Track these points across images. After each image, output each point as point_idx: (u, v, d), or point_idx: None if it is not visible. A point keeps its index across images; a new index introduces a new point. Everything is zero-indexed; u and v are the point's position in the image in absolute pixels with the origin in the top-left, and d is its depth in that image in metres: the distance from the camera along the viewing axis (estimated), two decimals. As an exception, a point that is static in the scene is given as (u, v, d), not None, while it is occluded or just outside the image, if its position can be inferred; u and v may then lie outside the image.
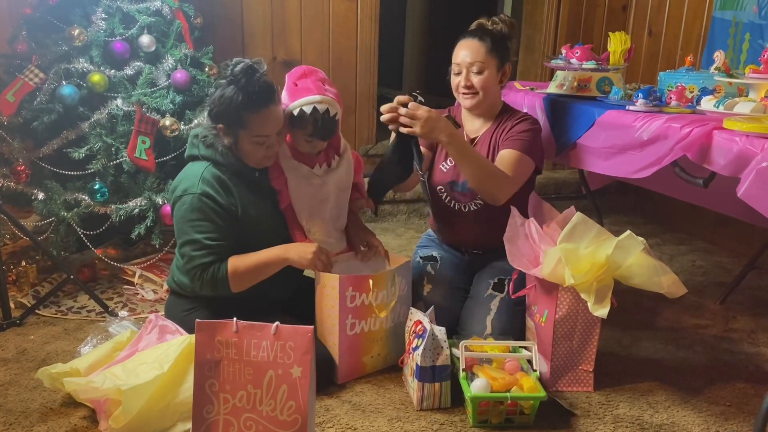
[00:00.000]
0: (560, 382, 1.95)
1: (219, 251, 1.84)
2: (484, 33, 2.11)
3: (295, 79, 1.94)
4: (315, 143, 1.96)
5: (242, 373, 1.49)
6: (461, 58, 2.10)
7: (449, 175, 2.19)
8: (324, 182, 2.01)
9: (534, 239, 1.91)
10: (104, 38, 2.53)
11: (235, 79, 1.80)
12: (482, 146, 2.16)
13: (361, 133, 3.75)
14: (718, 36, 3.05)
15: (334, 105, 1.93)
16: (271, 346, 1.48)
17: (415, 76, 5.60)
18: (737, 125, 1.76)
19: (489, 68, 2.09)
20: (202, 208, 1.82)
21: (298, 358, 1.47)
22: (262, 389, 1.48)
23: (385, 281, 1.98)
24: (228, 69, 1.82)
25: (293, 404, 1.47)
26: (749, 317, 2.51)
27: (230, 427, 1.50)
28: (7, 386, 1.88)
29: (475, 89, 2.10)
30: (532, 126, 2.13)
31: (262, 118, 1.82)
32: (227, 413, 1.50)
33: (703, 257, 3.16)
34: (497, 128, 2.15)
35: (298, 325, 1.48)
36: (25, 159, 2.52)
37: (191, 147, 1.94)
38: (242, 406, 1.49)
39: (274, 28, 3.47)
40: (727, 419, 1.83)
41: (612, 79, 2.48)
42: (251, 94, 1.79)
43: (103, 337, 2.03)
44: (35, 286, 2.48)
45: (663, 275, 1.80)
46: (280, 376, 1.47)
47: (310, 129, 1.91)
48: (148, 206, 2.46)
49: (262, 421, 1.49)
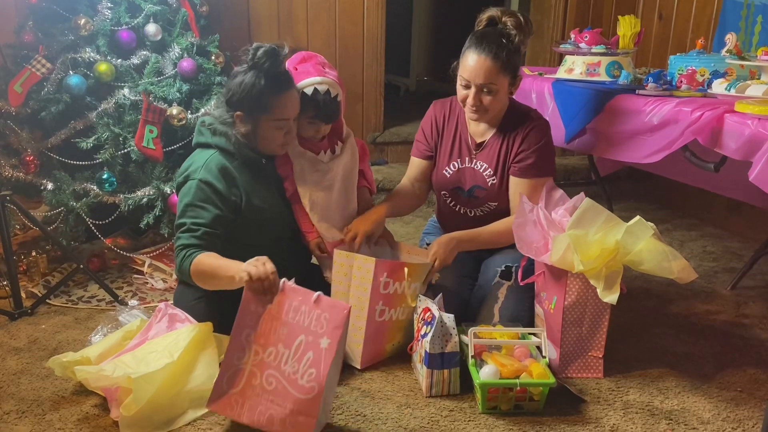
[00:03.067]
0: (570, 369, 1.95)
1: (203, 237, 1.79)
2: (498, 47, 1.92)
3: (294, 64, 1.95)
4: (318, 126, 1.95)
5: (277, 331, 1.58)
6: (471, 75, 1.94)
7: (453, 180, 2.16)
8: (329, 168, 2.01)
9: (543, 225, 1.90)
10: (110, 27, 2.53)
11: (257, 64, 1.80)
12: (491, 155, 2.10)
13: (369, 120, 3.74)
14: (730, 18, 3.00)
15: (335, 86, 1.93)
16: (309, 312, 1.57)
17: (422, 63, 5.57)
18: (749, 108, 1.74)
19: (501, 88, 1.96)
20: (198, 194, 1.82)
21: (330, 330, 1.54)
22: (290, 350, 1.56)
23: (421, 273, 1.97)
24: (248, 54, 1.81)
25: (314, 372, 1.54)
26: (760, 303, 2.49)
27: (253, 379, 1.59)
28: (19, 375, 1.89)
29: (484, 108, 1.99)
30: (542, 135, 2.05)
31: (285, 102, 1.83)
32: (254, 365, 1.59)
33: (714, 243, 3.14)
34: (506, 135, 2.08)
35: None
36: (33, 149, 2.53)
37: (198, 135, 1.94)
38: (269, 361, 1.58)
39: (280, 16, 3.46)
40: (738, 405, 1.83)
41: (622, 64, 2.46)
42: (275, 77, 1.80)
43: (113, 326, 2.04)
44: (46, 276, 2.50)
45: (673, 261, 1.78)
46: (309, 342, 1.55)
47: (312, 111, 1.91)
48: (157, 195, 2.46)
49: (282, 380, 1.56)
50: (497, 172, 2.09)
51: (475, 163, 2.12)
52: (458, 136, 2.15)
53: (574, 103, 2.37)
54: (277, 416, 1.56)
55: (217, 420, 1.69)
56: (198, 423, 1.68)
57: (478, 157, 2.12)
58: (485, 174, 2.10)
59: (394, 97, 4.82)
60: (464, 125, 2.15)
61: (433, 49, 5.48)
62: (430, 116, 2.21)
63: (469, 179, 2.14)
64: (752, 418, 1.76)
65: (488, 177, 2.10)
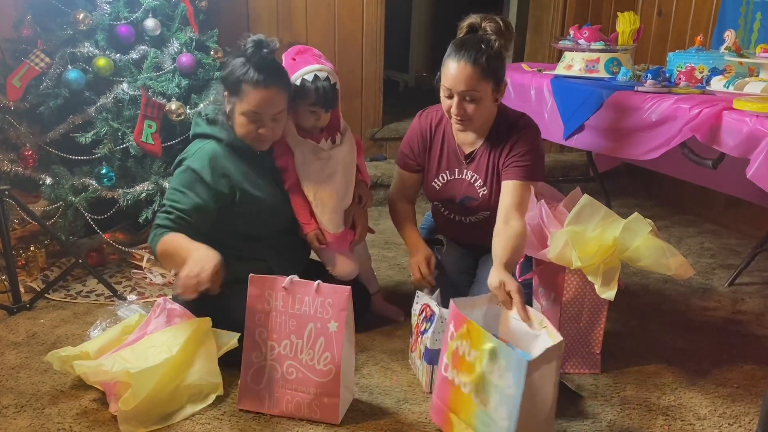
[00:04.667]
0: (567, 365, 1.95)
1: (176, 222, 1.80)
2: (477, 52, 1.84)
3: (292, 55, 1.98)
4: (318, 114, 1.96)
5: (287, 324, 1.67)
6: (452, 83, 1.87)
7: (443, 192, 2.11)
8: (330, 156, 2.02)
9: (542, 221, 1.90)
10: (109, 22, 2.52)
11: (244, 51, 1.83)
12: (481, 165, 2.04)
13: (368, 116, 3.74)
14: (729, 15, 3.00)
15: (333, 74, 1.96)
16: (313, 301, 1.65)
17: (421, 59, 5.56)
18: (747, 105, 1.74)
19: (484, 95, 1.88)
20: (184, 180, 1.84)
21: (335, 314, 1.64)
22: (303, 339, 1.66)
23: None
24: (243, 42, 1.85)
25: (329, 355, 1.64)
26: (758, 299, 2.50)
27: (274, 372, 1.69)
28: (18, 369, 1.90)
29: (468, 117, 1.91)
30: (532, 140, 1.98)
31: (258, 94, 1.82)
32: (273, 359, 1.69)
33: (711, 239, 3.15)
34: (495, 144, 2.01)
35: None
36: (32, 144, 2.52)
37: (194, 125, 1.97)
38: (286, 353, 1.68)
39: (279, 11, 3.45)
40: (734, 401, 1.83)
41: (621, 60, 2.46)
42: (259, 68, 1.82)
43: (111, 321, 2.05)
44: (44, 271, 2.50)
45: (671, 257, 1.79)
46: (318, 329, 1.65)
47: (313, 97, 1.92)
48: (155, 190, 2.46)
49: (301, 369, 1.66)
50: (488, 182, 2.04)
51: (465, 174, 2.07)
52: (446, 147, 2.09)
53: (572, 100, 2.36)
54: (303, 402, 1.67)
55: (216, 415, 1.70)
56: (196, 418, 1.69)
57: (468, 168, 2.07)
58: (476, 185, 2.06)
59: (393, 93, 4.81)
60: (451, 136, 2.08)
61: (433, 44, 5.47)
62: (415, 130, 2.12)
63: (460, 190, 2.09)
64: (749, 414, 1.77)
65: (479, 188, 2.06)
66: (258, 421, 1.68)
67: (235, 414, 1.70)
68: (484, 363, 1.49)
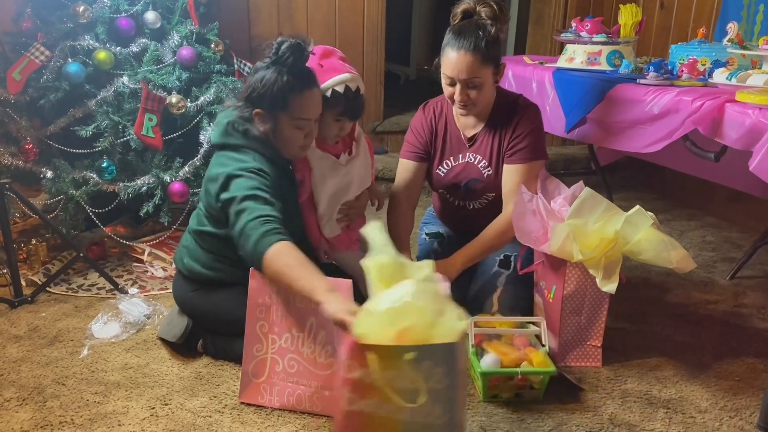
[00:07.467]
0: (569, 358, 1.95)
1: (279, 219, 1.63)
2: (476, 39, 1.88)
3: (318, 60, 1.88)
4: (343, 123, 1.92)
5: (288, 317, 1.67)
6: (454, 72, 1.92)
7: (448, 178, 2.15)
8: (348, 171, 2.00)
9: (542, 215, 1.90)
10: (109, 15, 2.52)
11: (280, 59, 1.72)
12: (484, 146, 2.08)
13: (368, 109, 3.72)
14: (732, 7, 2.99)
15: (361, 82, 1.91)
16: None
17: (422, 52, 5.54)
18: (750, 98, 1.73)
19: (485, 80, 1.94)
20: (259, 179, 1.69)
21: None
22: (304, 333, 1.66)
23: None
24: (272, 48, 1.73)
25: (330, 348, 1.63)
26: (759, 293, 2.50)
27: (276, 365, 1.69)
28: (19, 362, 1.90)
29: (472, 102, 1.97)
30: (533, 120, 2.04)
31: (307, 100, 1.76)
32: (274, 352, 1.69)
33: (713, 232, 3.14)
34: (497, 126, 2.06)
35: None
36: (32, 137, 2.52)
37: (226, 135, 1.80)
38: (287, 347, 1.68)
39: (279, 4, 3.44)
40: (735, 394, 1.83)
41: (623, 53, 2.45)
42: (297, 74, 1.73)
43: (113, 314, 2.05)
44: (45, 264, 2.50)
45: (672, 250, 1.79)
46: (319, 323, 1.63)
47: (342, 108, 1.87)
48: (156, 184, 2.46)
49: (302, 362, 1.67)
50: (492, 162, 2.08)
51: (469, 157, 2.11)
52: (449, 134, 2.13)
53: (574, 93, 2.36)
54: (304, 395, 1.67)
55: (217, 408, 1.70)
56: (198, 410, 1.69)
57: (471, 150, 2.11)
58: (480, 166, 2.10)
59: (394, 86, 4.80)
60: (453, 122, 2.13)
61: (434, 37, 5.45)
62: (420, 120, 2.16)
63: (465, 174, 2.12)
64: (750, 407, 1.77)
65: (483, 168, 2.09)
66: (259, 414, 1.68)
67: (236, 407, 1.71)
68: (405, 374, 1.28)
